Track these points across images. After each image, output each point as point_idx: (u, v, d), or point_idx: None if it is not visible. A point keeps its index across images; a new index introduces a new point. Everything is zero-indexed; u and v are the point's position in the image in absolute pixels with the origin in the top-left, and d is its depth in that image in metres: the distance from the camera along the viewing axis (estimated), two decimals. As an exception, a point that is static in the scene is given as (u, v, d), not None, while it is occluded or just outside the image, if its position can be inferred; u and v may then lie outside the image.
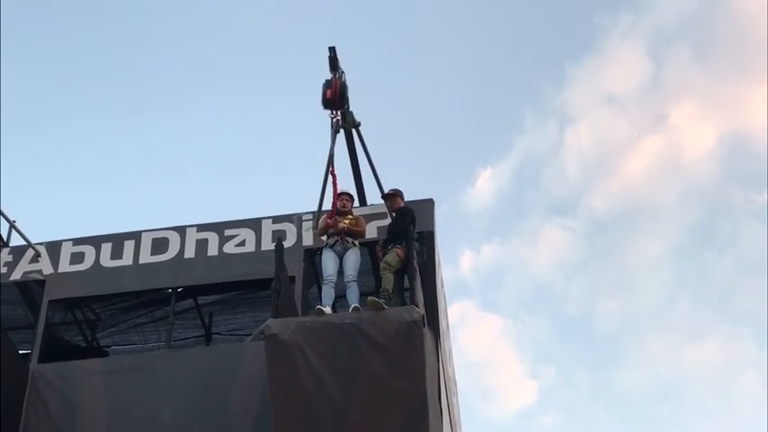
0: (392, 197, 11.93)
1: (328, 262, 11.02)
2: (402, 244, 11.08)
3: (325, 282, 10.91)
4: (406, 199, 12.27)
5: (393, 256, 11.00)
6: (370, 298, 10.33)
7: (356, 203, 12.66)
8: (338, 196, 11.47)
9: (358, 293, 10.70)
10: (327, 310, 10.45)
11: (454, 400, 14.59)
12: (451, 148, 48.83)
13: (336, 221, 11.18)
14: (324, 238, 11.32)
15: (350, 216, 11.44)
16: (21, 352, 12.80)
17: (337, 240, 11.12)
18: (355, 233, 11.26)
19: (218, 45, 43.26)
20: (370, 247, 11.85)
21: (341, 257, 11.04)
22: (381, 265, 11.07)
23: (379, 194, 12.28)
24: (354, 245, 11.16)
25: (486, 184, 50.27)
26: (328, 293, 10.74)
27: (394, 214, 11.81)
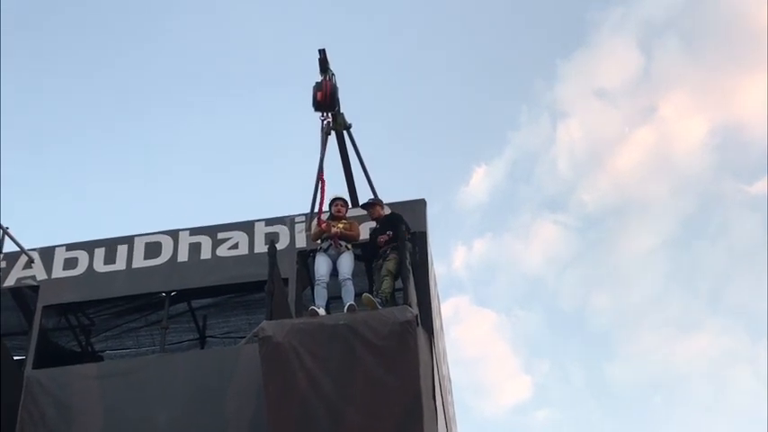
0: (372, 206, 11.98)
1: (321, 264, 11.08)
2: (395, 248, 11.13)
3: (317, 282, 10.95)
4: (398, 199, 12.32)
5: (393, 262, 11.07)
6: (365, 295, 10.38)
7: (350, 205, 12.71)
8: (332, 201, 11.53)
9: (353, 292, 10.75)
10: (321, 311, 10.49)
11: (449, 398, 14.63)
12: (446, 147, 48.91)
13: (330, 226, 11.21)
14: (318, 242, 11.36)
15: (344, 220, 11.46)
16: (16, 358, 12.80)
17: (331, 245, 11.16)
18: (349, 237, 11.30)
19: (207, 45, 43.29)
20: (363, 248, 11.85)
21: (334, 261, 11.08)
22: (382, 272, 11.12)
23: (372, 196, 12.31)
24: (348, 248, 11.20)
25: (480, 181, 50.35)
26: (321, 294, 10.79)
27: (376, 224, 11.84)
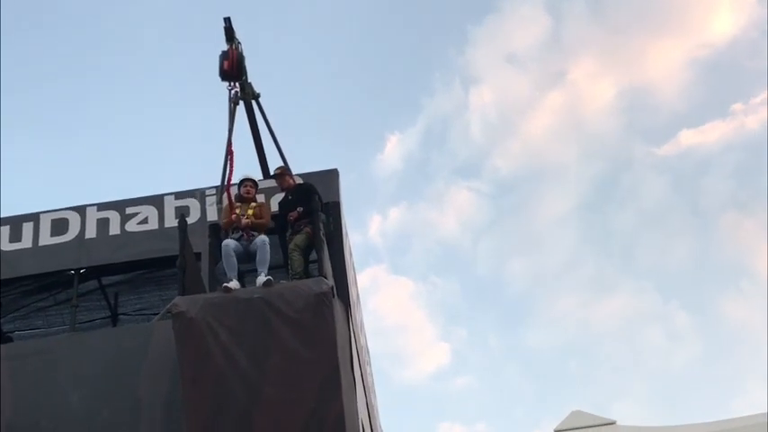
0: (280, 176, 11.80)
1: (229, 243, 10.77)
2: (310, 221, 11.00)
3: (226, 254, 10.69)
4: (311, 170, 12.19)
5: (303, 236, 10.93)
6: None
7: (260, 177, 12.55)
8: (241, 182, 11.25)
9: (267, 262, 10.57)
10: (234, 283, 10.29)
11: (367, 369, 14.66)
12: (359, 116, 48.95)
13: (239, 218, 10.86)
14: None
15: (253, 204, 11.18)
16: None
17: (242, 236, 10.91)
18: (259, 226, 10.99)
19: (110, 11, 42.31)
20: (275, 221, 11.69)
21: (245, 248, 10.81)
22: (290, 246, 10.98)
23: (282, 166, 12.15)
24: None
25: (394, 149, 50.54)
26: (231, 265, 10.55)
27: (288, 194, 11.67)
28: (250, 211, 10.92)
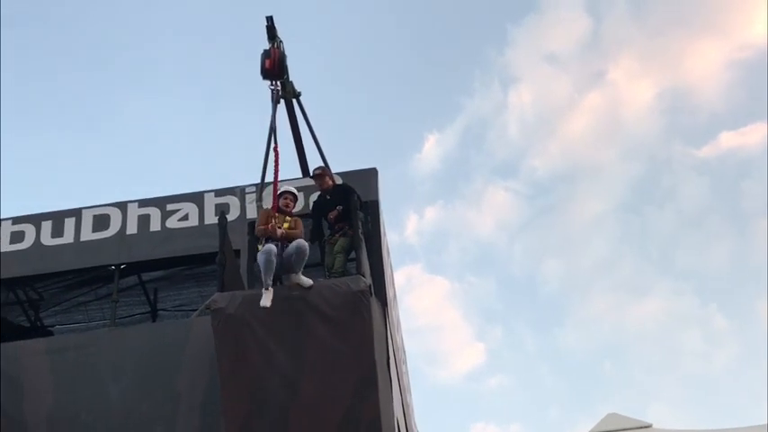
0: (320, 176, 11.81)
1: (272, 248, 10.21)
2: (349, 221, 11.02)
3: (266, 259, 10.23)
4: (350, 168, 12.21)
5: (347, 240, 10.97)
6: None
7: (300, 175, 12.59)
8: (282, 194, 10.89)
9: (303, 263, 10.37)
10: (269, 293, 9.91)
11: (403, 368, 14.67)
12: (398, 115, 48.93)
13: (275, 229, 10.45)
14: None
15: (288, 219, 10.74)
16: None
17: (277, 245, 10.41)
18: (293, 238, 10.49)
19: (154, 16, 42.64)
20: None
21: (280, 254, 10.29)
22: (335, 248, 11.01)
23: (322, 166, 12.18)
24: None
25: (432, 149, 50.46)
26: (269, 268, 10.08)
27: (326, 194, 11.69)
28: (285, 225, 10.60)
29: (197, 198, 12.90)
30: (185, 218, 12.75)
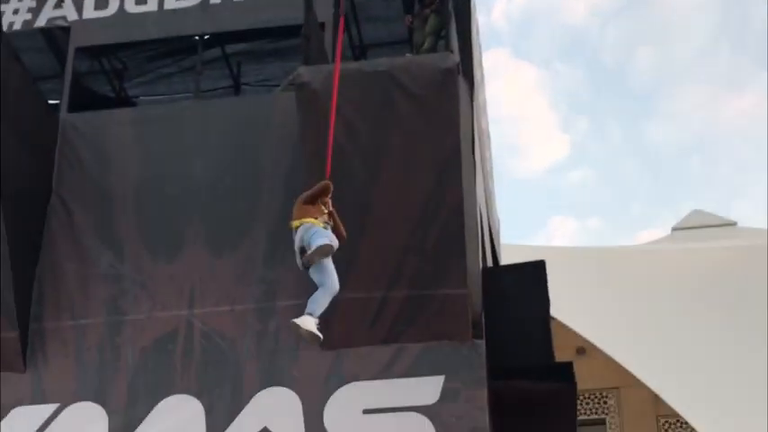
0: None
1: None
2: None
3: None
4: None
5: (437, 20, 10.54)
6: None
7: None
8: (323, 194, 8.69)
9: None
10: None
11: (487, 153, 14.45)
12: None
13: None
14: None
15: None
16: (50, 102, 12.64)
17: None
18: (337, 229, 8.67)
19: None
20: None
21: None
22: (427, 29, 10.59)
23: None
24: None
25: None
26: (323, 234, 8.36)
27: None
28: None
29: (282, -35, 12.36)
30: (270, -12, 12.28)
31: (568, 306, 19.83)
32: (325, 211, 8.46)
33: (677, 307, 22.84)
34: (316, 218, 8.35)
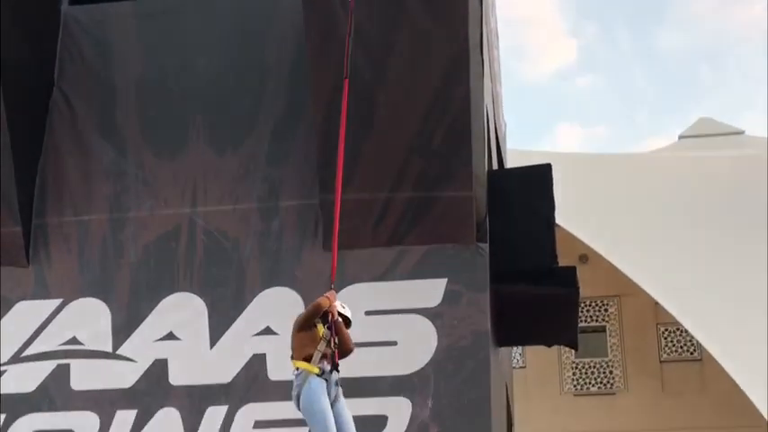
0: None
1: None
2: None
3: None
4: None
5: None
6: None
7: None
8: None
9: None
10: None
11: (495, 53, 14.20)
12: None
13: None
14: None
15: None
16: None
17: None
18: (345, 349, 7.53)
19: None
20: None
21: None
22: None
23: None
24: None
25: None
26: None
27: None
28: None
29: None
30: None
31: (573, 213, 19.82)
32: (322, 338, 7.31)
33: (681, 216, 22.85)
34: (311, 354, 7.25)
